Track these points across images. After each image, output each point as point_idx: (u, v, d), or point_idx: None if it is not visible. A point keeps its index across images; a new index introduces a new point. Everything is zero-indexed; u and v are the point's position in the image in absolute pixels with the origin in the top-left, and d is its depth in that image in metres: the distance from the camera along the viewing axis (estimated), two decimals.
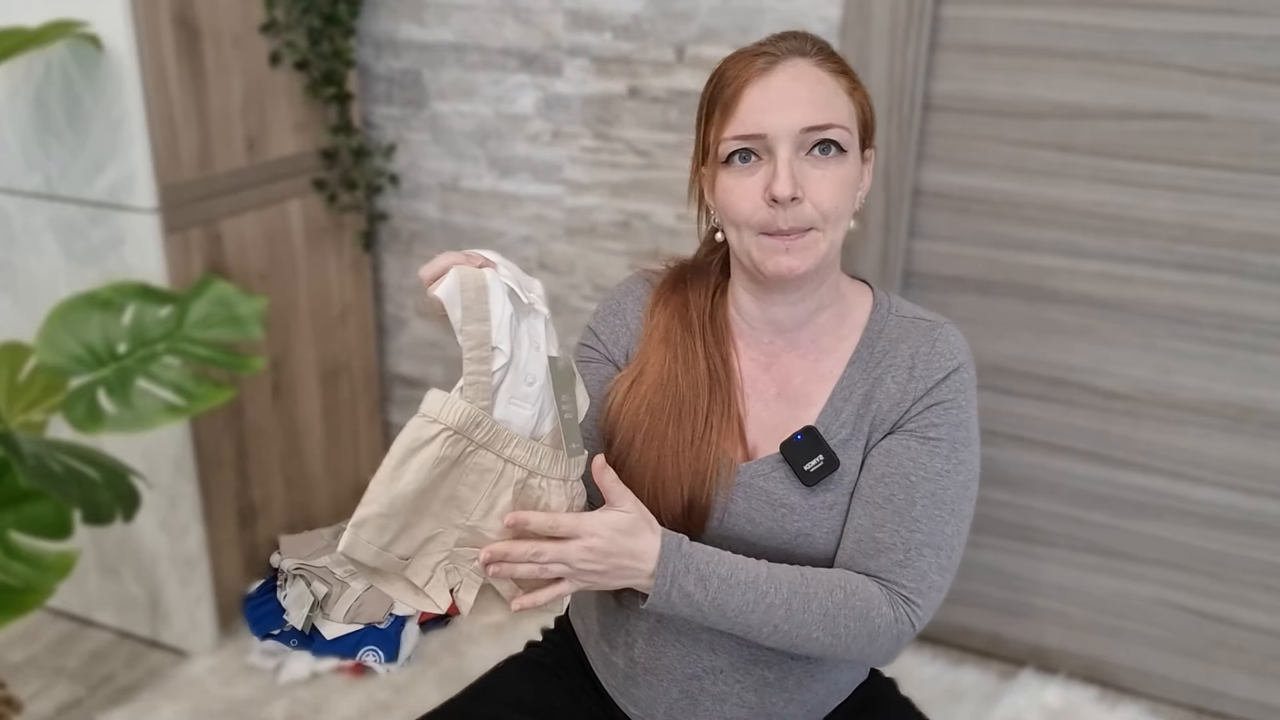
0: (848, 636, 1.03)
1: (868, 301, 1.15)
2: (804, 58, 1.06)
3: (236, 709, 2.05)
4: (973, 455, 1.09)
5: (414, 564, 1.04)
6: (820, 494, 1.08)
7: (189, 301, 1.78)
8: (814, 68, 1.05)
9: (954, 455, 1.07)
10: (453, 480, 0.97)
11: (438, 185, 2.41)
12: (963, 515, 1.07)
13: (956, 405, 1.08)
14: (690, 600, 1.00)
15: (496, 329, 0.96)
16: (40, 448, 1.58)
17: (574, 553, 0.97)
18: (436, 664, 2.17)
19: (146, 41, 1.84)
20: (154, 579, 2.20)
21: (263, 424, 2.24)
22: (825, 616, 1.02)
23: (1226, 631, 2.05)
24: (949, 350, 1.09)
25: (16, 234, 2.06)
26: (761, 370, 1.14)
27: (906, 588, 1.04)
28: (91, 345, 1.72)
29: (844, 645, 1.03)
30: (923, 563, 1.05)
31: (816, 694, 1.16)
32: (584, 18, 2.14)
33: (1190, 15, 1.77)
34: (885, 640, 1.04)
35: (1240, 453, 1.95)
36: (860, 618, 1.02)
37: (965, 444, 1.08)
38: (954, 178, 2.00)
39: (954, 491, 1.06)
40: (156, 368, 1.70)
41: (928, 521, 1.05)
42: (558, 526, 0.97)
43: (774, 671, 1.13)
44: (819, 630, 1.02)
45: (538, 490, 0.98)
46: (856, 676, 1.22)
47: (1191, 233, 1.88)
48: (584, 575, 0.98)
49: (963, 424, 1.08)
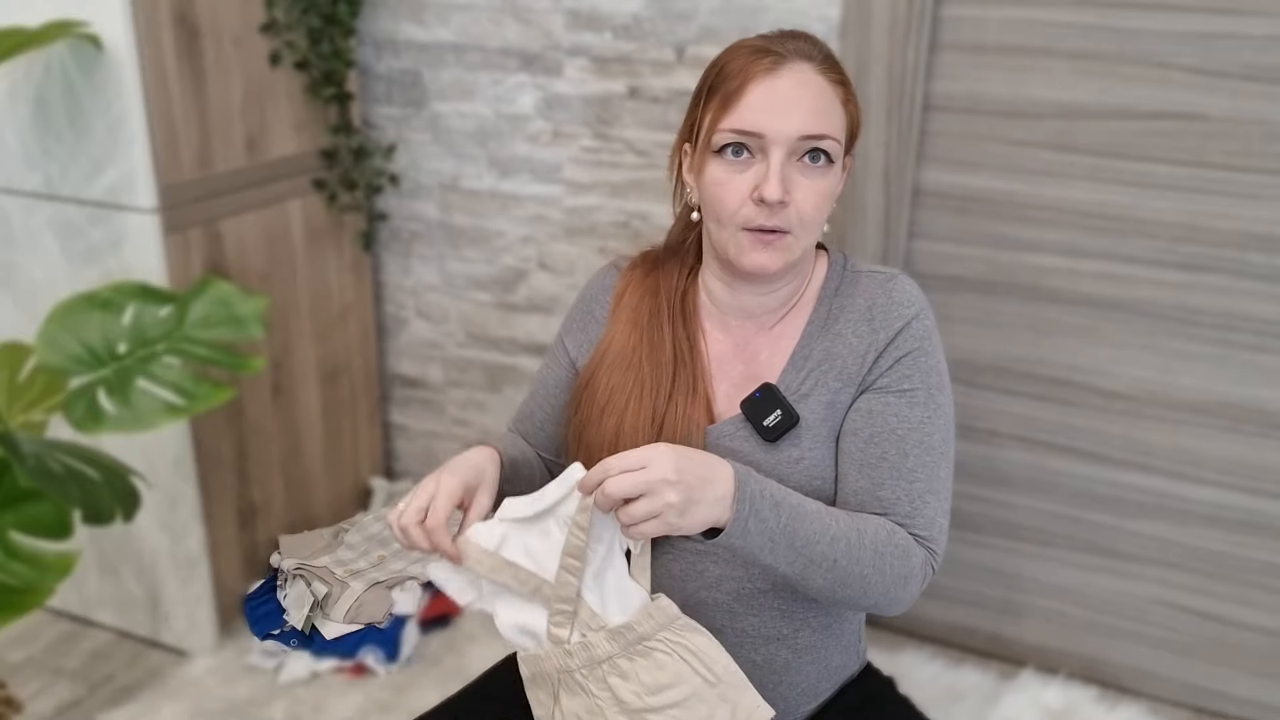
0: (892, 575, 1.04)
1: (824, 265, 1.18)
2: (809, 62, 1.07)
3: (236, 709, 2.05)
4: (947, 398, 1.13)
5: None
6: (785, 449, 1.10)
7: (189, 301, 1.78)
8: (817, 75, 1.07)
9: (931, 401, 1.10)
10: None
11: (438, 185, 2.41)
12: (949, 456, 1.12)
13: (923, 352, 1.11)
14: (765, 527, 0.97)
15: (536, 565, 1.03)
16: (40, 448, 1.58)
17: (654, 476, 0.92)
18: (436, 664, 2.17)
19: (146, 41, 1.84)
20: (154, 579, 2.20)
21: (263, 424, 2.24)
22: (877, 554, 1.03)
23: (1226, 631, 2.05)
24: (905, 299, 1.12)
25: (16, 234, 2.06)
26: (729, 351, 1.17)
27: (922, 536, 1.08)
28: (91, 345, 1.72)
29: (888, 584, 1.04)
30: (929, 509, 1.08)
31: (806, 676, 1.17)
32: (584, 18, 2.14)
33: (1190, 15, 1.77)
34: (915, 583, 1.07)
35: (1240, 453, 1.95)
36: (903, 556, 1.05)
37: (939, 388, 1.12)
38: (954, 178, 2.00)
39: (939, 435, 1.10)
40: (156, 368, 1.70)
41: (923, 470, 1.08)
42: (627, 456, 0.94)
43: (760, 653, 1.15)
44: (871, 568, 1.03)
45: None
46: (847, 662, 1.22)
47: (1191, 233, 1.88)
48: (668, 505, 0.92)
49: (932, 369, 1.11)
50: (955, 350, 2.09)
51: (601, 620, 1.01)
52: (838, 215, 2.03)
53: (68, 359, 1.70)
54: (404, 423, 2.66)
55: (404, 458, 2.69)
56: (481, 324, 2.47)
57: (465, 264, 2.44)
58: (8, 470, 1.65)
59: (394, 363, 2.61)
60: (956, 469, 2.15)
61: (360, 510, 2.57)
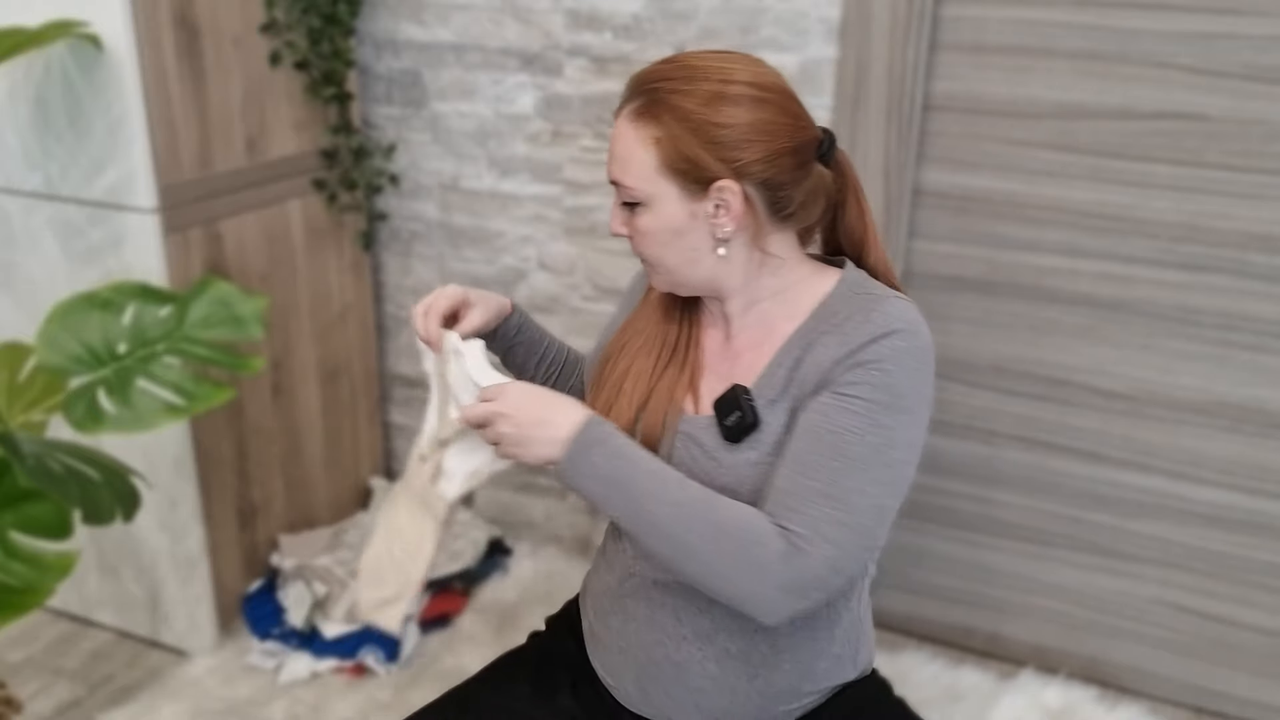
0: (734, 559, 1.03)
1: (831, 282, 1.17)
2: (625, 108, 1.12)
3: (236, 709, 2.05)
4: (901, 424, 1.06)
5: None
6: (745, 450, 1.11)
7: (189, 301, 1.78)
8: (626, 122, 1.11)
9: (871, 415, 1.05)
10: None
11: (438, 185, 2.41)
12: (873, 477, 1.04)
13: (883, 369, 1.06)
14: (597, 473, 1.06)
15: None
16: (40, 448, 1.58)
17: (495, 409, 1.10)
18: (436, 664, 2.17)
19: (146, 41, 1.84)
20: (154, 579, 2.20)
21: (263, 424, 2.24)
22: (718, 531, 1.03)
23: (1226, 631, 2.05)
24: (885, 318, 1.09)
25: (16, 234, 2.06)
26: (719, 346, 1.20)
27: (794, 532, 1.03)
28: (91, 345, 1.72)
29: (729, 568, 1.03)
30: (815, 511, 1.03)
31: (784, 675, 1.17)
32: (584, 18, 2.14)
33: (1190, 15, 1.77)
34: (773, 578, 1.02)
35: (1240, 453, 1.95)
36: (752, 543, 1.03)
37: (891, 410, 1.05)
38: (954, 178, 2.00)
39: (862, 450, 1.04)
40: (156, 368, 1.70)
41: (826, 472, 1.04)
42: (485, 391, 1.12)
43: (737, 643, 1.15)
44: (707, 543, 1.03)
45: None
46: (831, 668, 1.20)
47: (1191, 233, 1.88)
48: (505, 438, 1.09)
49: (889, 388, 1.06)
50: (955, 350, 2.09)
51: (438, 463, 1.18)
52: None
53: (68, 359, 1.70)
54: (404, 423, 2.66)
55: (404, 458, 2.69)
56: None
57: (465, 264, 2.44)
58: (8, 470, 1.65)
59: (394, 363, 2.61)
60: (956, 469, 2.15)
61: (360, 510, 2.57)
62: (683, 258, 1.13)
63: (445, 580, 2.31)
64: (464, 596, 2.34)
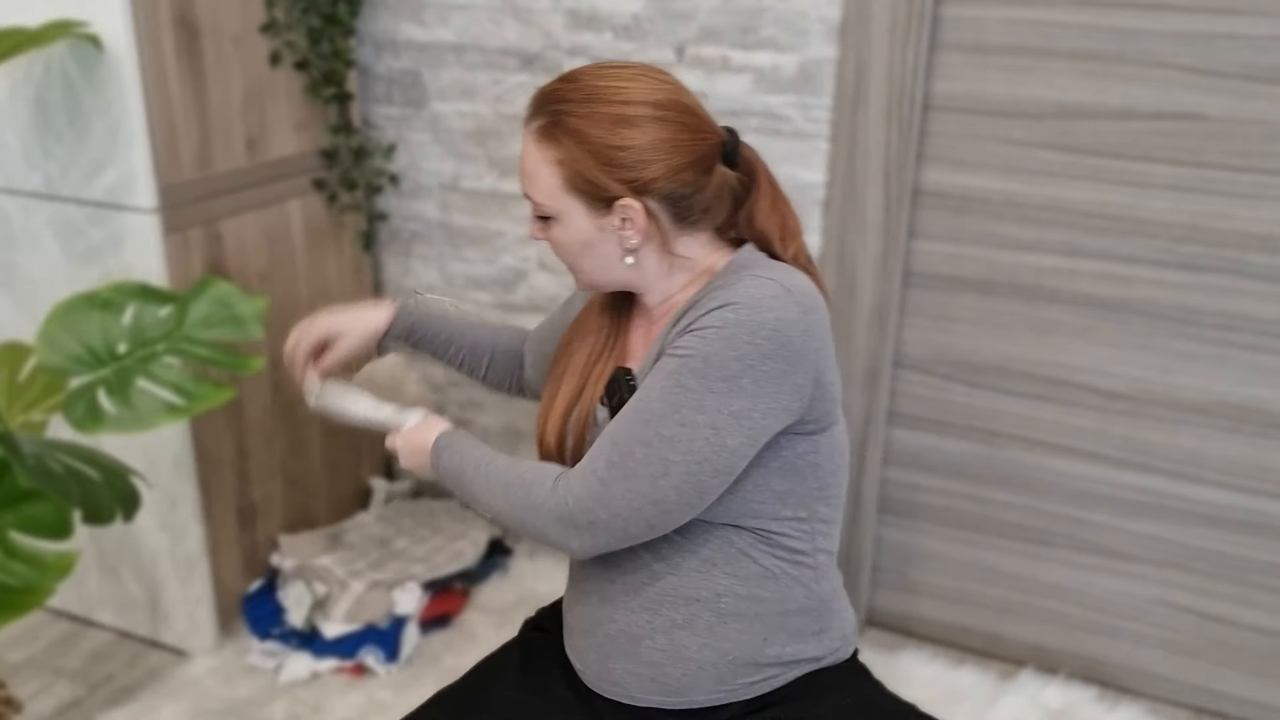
0: (517, 504, 1.15)
1: (722, 262, 1.19)
2: (529, 126, 1.15)
3: (236, 709, 2.05)
4: (708, 390, 1.06)
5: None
6: None
7: (189, 301, 1.78)
8: (531, 141, 1.15)
9: (677, 376, 1.08)
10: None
11: (438, 185, 2.41)
12: (659, 431, 1.07)
13: (703, 336, 1.07)
14: (444, 472, 1.22)
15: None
16: (40, 448, 1.58)
17: (397, 445, 1.28)
18: (436, 664, 2.17)
19: (146, 41, 1.84)
20: (154, 579, 2.20)
21: (263, 424, 2.24)
22: (506, 486, 1.16)
23: (1226, 631, 2.05)
24: (730, 294, 1.09)
25: (16, 234, 2.06)
26: (643, 336, 1.25)
27: (569, 471, 1.14)
28: (91, 345, 1.72)
29: (515, 510, 1.15)
30: (596, 451, 1.12)
31: (734, 644, 1.18)
32: (584, 18, 2.14)
33: (1190, 15, 1.77)
34: (545, 510, 1.13)
35: (1240, 453, 1.95)
36: (527, 486, 1.15)
37: (698, 375, 1.06)
38: (954, 178, 2.00)
39: (658, 406, 1.08)
40: (156, 368, 1.70)
41: (622, 422, 1.11)
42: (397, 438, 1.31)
43: (680, 612, 1.18)
44: (498, 497, 1.17)
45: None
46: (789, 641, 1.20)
47: (1191, 233, 1.88)
48: (400, 459, 1.28)
49: (704, 355, 1.06)
50: (955, 350, 2.10)
51: None
52: (838, 215, 2.03)
53: (68, 359, 1.70)
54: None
55: None
56: None
57: (465, 264, 2.44)
58: (8, 470, 1.65)
59: None
60: (956, 469, 2.16)
61: (360, 510, 2.57)
62: (595, 264, 1.18)
63: (445, 580, 2.31)
64: (464, 596, 2.34)
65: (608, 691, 1.24)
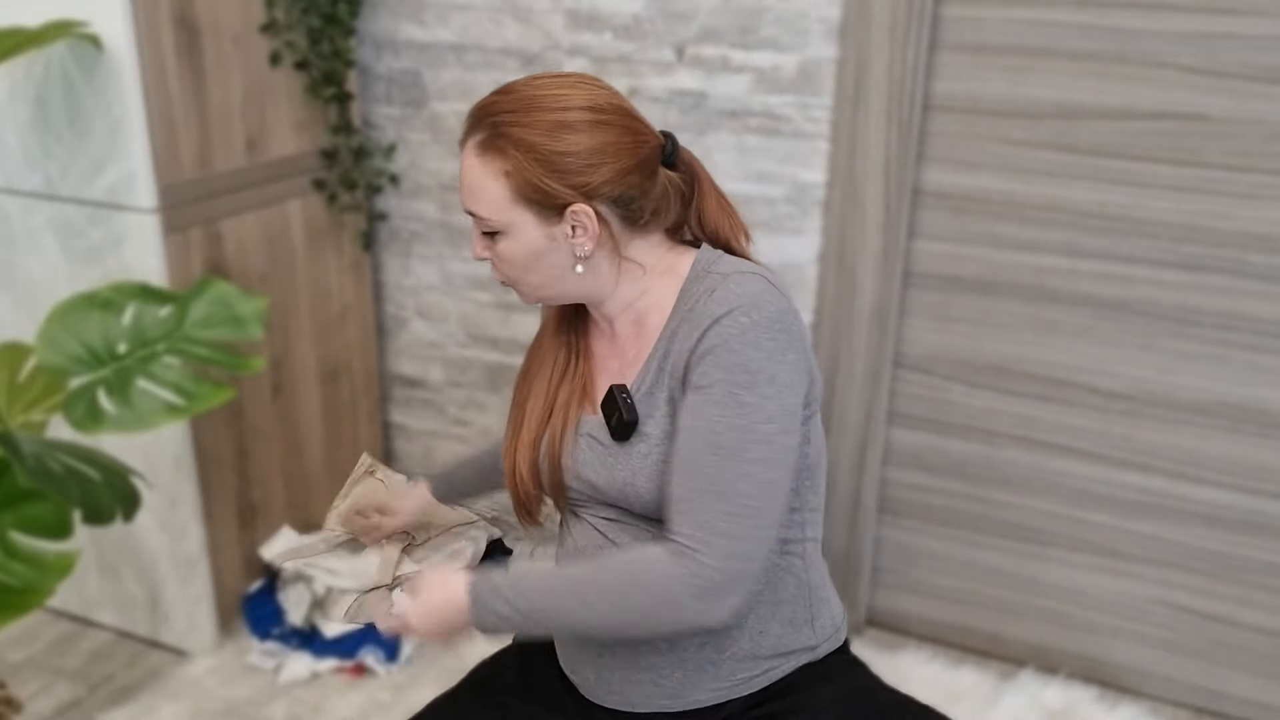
0: (640, 610, 1.07)
1: (687, 264, 1.19)
2: (469, 141, 1.14)
3: (236, 709, 2.05)
4: (763, 397, 1.07)
5: None
6: (635, 445, 1.14)
7: (189, 301, 1.78)
8: (472, 155, 1.14)
9: (731, 399, 1.07)
10: None
11: (438, 185, 2.41)
12: (751, 458, 1.07)
13: (728, 349, 1.08)
14: (505, 621, 1.12)
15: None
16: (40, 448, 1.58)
17: (406, 626, 1.18)
18: (436, 664, 2.17)
19: (146, 41, 1.84)
20: (154, 579, 2.20)
21: (263, 424, 2.24)
22: (614, 594, 1.08)
23: (1226, 631, 2.05)
24: (723, 299, 1.10)
25: (16, 234, 2.06)
26: (607, 347, 1.23)
27: (686, 535, 1.06)
28: (91, 345, 1.72)
29: (643, 614, 1.08)
30: (704, 511, 1.06)
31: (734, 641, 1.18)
32: (584, 18, 2.14)
33: (1190, 15, 1.77)
34: (680, 593, 1.06)
35: (1240, 453, 1.95)
36: (644, 582, 1.07)
37: (748, 388, 1.07)
38: (954, 178, 2.00)
39: (732, 436, 1.07)
40: (156, 368, 1.70)
41: (706, 468, 1.07)
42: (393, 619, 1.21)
43: None
44: (613, 610, 1.08)
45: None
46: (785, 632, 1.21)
47: (1191, 233, 1.88)
48: (428, 639, 1.21)
49: (741, 367, 1.07)
50: (955, 350, 2.10)
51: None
52: (838, 215, 2.03)
53: (68, 359, 1.70)
54: (404, 423, 2.66)
55: (404, 458, 2.69)
56: (481, 324, 2.47)
57: (465, 264, 2.44)
58: (8, 470, 1.65)
59: (394, 363, 2.61)
60: (956, 469, 2.16)
61: None
62: (545, 276, 1.17)
63: None
64: None
65: (607, 701, 1.23)
